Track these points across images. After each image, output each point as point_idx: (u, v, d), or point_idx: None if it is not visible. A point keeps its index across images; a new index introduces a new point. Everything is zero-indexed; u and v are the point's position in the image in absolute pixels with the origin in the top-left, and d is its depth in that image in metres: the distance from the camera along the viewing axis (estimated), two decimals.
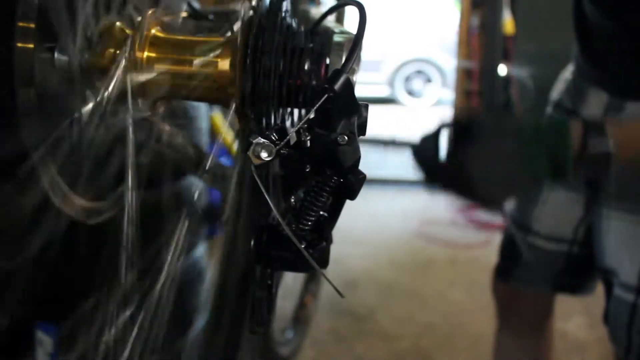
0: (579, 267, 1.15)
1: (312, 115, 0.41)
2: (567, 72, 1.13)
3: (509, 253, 1.22)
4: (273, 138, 0.41)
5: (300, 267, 0.46)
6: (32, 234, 0.48)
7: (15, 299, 0.50)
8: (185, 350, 0.98)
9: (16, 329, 0.56)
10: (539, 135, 0.73)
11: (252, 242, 0.46)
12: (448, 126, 0.76)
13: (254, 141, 0.40)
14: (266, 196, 0.42)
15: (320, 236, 0.45)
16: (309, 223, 0.44)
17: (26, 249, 0.48)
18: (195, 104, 0.93)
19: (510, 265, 1.21)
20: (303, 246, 0.44)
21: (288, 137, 0.41)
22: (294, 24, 0.52)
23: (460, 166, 0.74)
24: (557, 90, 1.15)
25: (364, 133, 0.44)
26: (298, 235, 0.44)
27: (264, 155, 0.40)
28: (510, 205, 1.23)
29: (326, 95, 0.40)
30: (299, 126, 0.41)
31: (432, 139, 0.76)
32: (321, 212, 0.44)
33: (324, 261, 0.46)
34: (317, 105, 0.40)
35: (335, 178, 0.42)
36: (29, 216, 0.48)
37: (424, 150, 0.77)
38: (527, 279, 1.19)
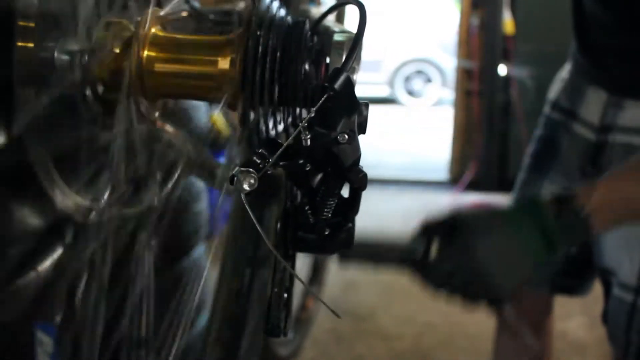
0: (578, 268, 1.15)
1: (312, 115, 0.41)
2: (564, 72, 1.13)
3: None
4: (256, 161, 0.41)
5: (327, 250, 0.46)
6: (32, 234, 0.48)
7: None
8: (186, 350, 0.97)
9: (16, 329, 0.56)
10: (523, 219, 0.73)
11: (278, 225, 0.46)
12: (433, 228, 0.76)
13: (235, 173, 0.40)
14: (257, 224, 0.42)
15: (345, 219, 0.45)
16: (329, 212, 0.44)
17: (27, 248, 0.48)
18: (195, 103, 0.93)
19: None
20: (327, 232, 0.44)
21: (274, 160, 0.41)
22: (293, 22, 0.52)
23: (455, 266, 0.73)
24: (555, 90, 1.15)
25: (364, 131, 0.44)
26: (321, 224, 0.44)
27: (246, 186, 0.40)
28: None
29: (327, 94, 0.40)
30: (292, 137, 0.41)
31: (420, 242, 0.76)
32: (340, 198, 0.44)
33: (349, 242, 0.46)
34: (318, 104, 0.40)
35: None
36: (30, 216, 0.48)
37: (413, 253, 0.77)
38: None
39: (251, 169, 0.40)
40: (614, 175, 0.77)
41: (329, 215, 0.44)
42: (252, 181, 0.40)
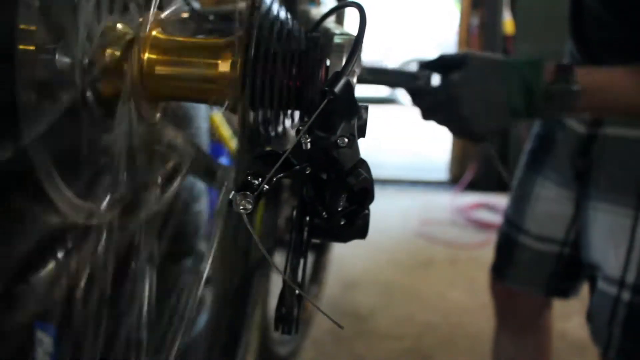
0: (571, 270, 1.15)
1: (312, 119, 0.41)
2: None
3: (503, 252, 1.22)
4: (252, 182, 0.41)
5: (343, 238, 0.46)
6: (32, 234, 0.48)
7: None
8: (186, 350, 0.98)
9: (16, 329, 0.56)
10: (517, 71, 0.78)
11: (294, 213, 0.46)
12: (438, 63, 0.83)
13: (232, 197, 0.40)
14: (256, 238, 0.43)
15: (362, 206, 0.45)
16: (341, 206, 0.44)
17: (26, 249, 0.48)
18: (196, 105, 0.93)
19: (503, 263, 1.22)
20: (342, 222, 0.44)
21: (269, 177, 0.41)
22: (294, 26, 0.52)
23: (448, 96, 0.79)
24: None
25: (364, 135, 0.44)
26: (335, 216, 0.44)
27: (242, 209, 0.40)
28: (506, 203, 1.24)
29: (327, 98, 0.40)
30: (289, 152, 0.41)
31: (423, 72, 0.82)
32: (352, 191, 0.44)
33: (365, 229, 0.46)
34: (319, 110, 0.40)
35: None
36: (29, 217, 0.49)
37: (416, 81, 0.83)
38: (519, 279, 1.19)
39: (248, 192, 0.39)
40: (614, 70, 0.81)
41: (341, 207, 0.44)
42: (248, 205, 0.40)
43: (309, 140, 0.41)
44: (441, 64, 0.82)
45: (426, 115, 0.83)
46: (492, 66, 0.80)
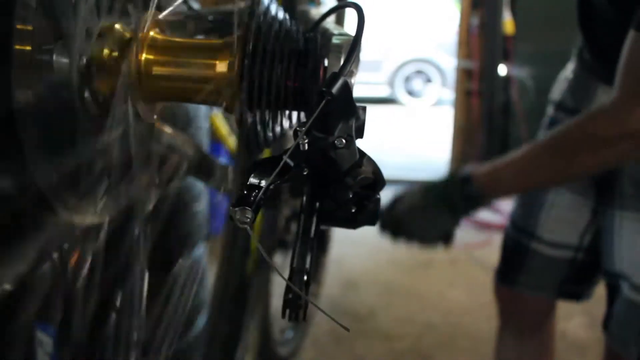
0: (583, 274, 1.14)
1: (310, 121, 0.41)
2: (568, 71, 1.12)
3: (511, 257, 1.21)
4: (248, 195, 0.40)
5: (353, 225, 0.46)
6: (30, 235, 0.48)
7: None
8: (186, 350, 0.98)
9: (16, 329, 0.56)
10: (439, 193, 1.04)
11: (305, 197, 0.46)
12: (395, 200, 1.09)
13: (230, 212, 0.40)
14: (265, 256, 0.42)
15: (374, 190, 0.45)
16: (350, 195, 0.44)
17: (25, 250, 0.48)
18: (195, 105, 0.93)
19: (512, 269, 1.20)
20: (354, 210, 0.44)
21: (265, 187, 0.40)
22: (292, 26, 0.52)
23: (398, 223, 1.07)
24: (558, 90, 1.13)
25: (362, 136, 0.44)
26: (345, 204, 0.44)
27: (244, 221, 0.40)
28: (512, 208, 1.23)
29: (324, 99, 0.40)
30: (283, 162, 0.41)
31: (387, 208, 1.09)
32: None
33: (375, 215, 0.46)
34: (317, 111, 0.40)
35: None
36: (28, 217, 0.48)
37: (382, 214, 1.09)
38: (530, 285, 1.18)
39: (246, 207, 0.39)
40: (502, 161, 1.02)
41: (350, 196, 0.44)
42: (248, 217, 0.39)
43: (306, 141, 0.41)
44: (395, 201, 1.09)
45: (392, 239, 1.10)
46: (423, 194, 1.05)
